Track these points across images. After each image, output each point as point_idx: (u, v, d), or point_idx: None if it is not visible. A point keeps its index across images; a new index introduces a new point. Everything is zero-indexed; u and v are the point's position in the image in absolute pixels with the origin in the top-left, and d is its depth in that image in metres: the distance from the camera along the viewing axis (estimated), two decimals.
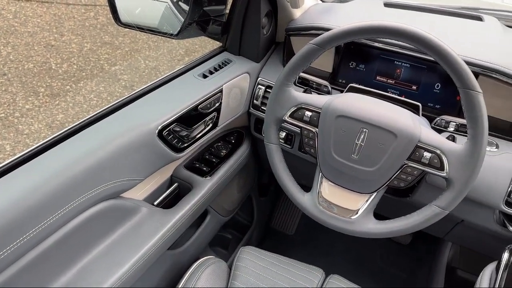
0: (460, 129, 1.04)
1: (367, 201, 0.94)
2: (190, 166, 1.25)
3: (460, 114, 1.08)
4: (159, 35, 1.19)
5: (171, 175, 1.22)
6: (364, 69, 1.21)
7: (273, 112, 1.01)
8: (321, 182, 0.99)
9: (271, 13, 1.28)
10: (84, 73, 3.34)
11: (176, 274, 1.23)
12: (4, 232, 0.71)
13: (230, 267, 1.14)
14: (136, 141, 0.96)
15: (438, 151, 0.85)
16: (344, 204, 0.95)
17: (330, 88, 1.21)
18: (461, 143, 0.85)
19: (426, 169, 0.87)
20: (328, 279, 1.12)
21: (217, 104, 1.18)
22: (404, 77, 1.16)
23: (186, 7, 1.14)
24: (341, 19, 1.26)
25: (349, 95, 0.98)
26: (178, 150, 1.09)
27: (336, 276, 1.13)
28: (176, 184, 1.21)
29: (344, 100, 0.94)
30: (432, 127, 1.06)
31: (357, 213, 0.94)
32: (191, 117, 1.10)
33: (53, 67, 3.35)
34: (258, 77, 1.31)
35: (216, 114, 1.19)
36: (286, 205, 2.01)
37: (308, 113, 0.97)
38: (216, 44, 1.38)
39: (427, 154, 0.86)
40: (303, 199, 1.01)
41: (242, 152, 1.39)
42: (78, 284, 0.88)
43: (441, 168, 0.85)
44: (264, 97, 1.29)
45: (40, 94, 3.03)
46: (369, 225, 0.94)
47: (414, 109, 1.01)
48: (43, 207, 0.78)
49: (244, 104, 1.31)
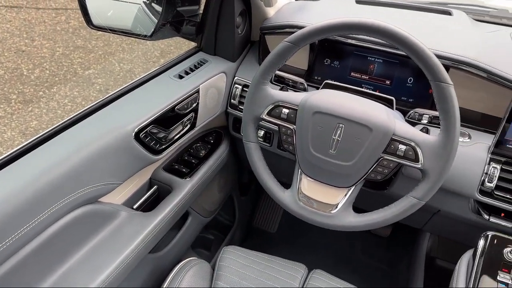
0: (433, 121, 1.07)
1: (346, 195, 0.96)
2: (169, 168, 1.24)
3: (433, 107, 1.10)
4: (133, 37, 1.18)
5: (150, 178, 1.20)
6: (339, 66, 1.23)
7: (251, 111, 1.01)
8: (301, 179, 1.00)
9: (245, 12, 1.29)
10: (57, 78, 3.27)
11: (159, 278, 1.22)
12: None
13: (213, 268, 1.14)
14: (113, 145, 0.95)
15: (413, 143, 0.87)
16: (324, 199, 0.97)
17: (306, 85, 1.22)
18: (435, 135, 0.87)
19: (402, 161, 0.89)
20: (311, 274, 1.13)
21: (194, 105, 1.17)
22: (378, 73, 1.18)
23: (159, 8, 1.13)
24: (315, 17, 1.27)
25: (325, 92, 1.00)
26: (156, 152, 1.08)
27: (319, 271, 1.14)
28: (156, 187, 1.20)
29: (320, 97, 0.96)
30: (406, 120, 1.08)
31: (337, 207, 0.96)
32: (168, 119, 1.09)
33: (25, 73, 3.27)
34: (235, 77, 1.32)
35: (194, 115, 1.19)
36: (268, 203, 2.02)
37: (285, 111, 0.98)
38: (192, 45, 1.38)
39: (402, 147, 0.88)
40: (283, 196, 1.02)
41: (222, 152, 1.38)
42: None
43: (416, 160, 0.87)
44: (242, 96, 1.29)
45: (12, 101, 2.95)
46: (349, 219, 0.95)
47: (388, 103, 1.03)
48: (20, 215, 0.76)
49: (222, 104, 1.31)
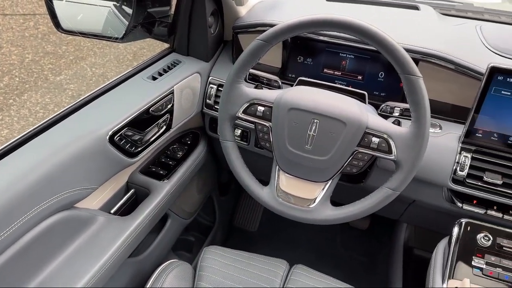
0: (405, 113, 1.10)
1: (323, 189, 0.97)
2: (146, 171, 1.23)
3: (404, 100, 1.13)
4: (104, 40, 1.16)
5: (127, 181, 1.19)
6: (312, 63, 1.24)
7: (226, 110, 1.01)
8: (279, 175, 1.01)
9: (217, 12, 1.29)
10: (28, 85, 3.19)
11: (140, 282, 1.20)
12: None
13: (195, 269, 1.14)
14: (87, 149, 0.93)
15: (385, 136, 0.89)
16: (302, 194, 0.98)
17: (281, 83, 1.23)
18: (406, 127, 0.89)
19: (375, 154, 0.90)
20: (293, 270, 1.14)
21: (169, 106, 1.16)
22: (350, 68, 1.21)
23: (130, 10, 1.12)
24: (286, 15, 1.28)
25: (299, 88, 1.01)
26: (132, 155, 1.07)
27: (300, 266, 1.15)
28: (133, 190, 1.19)
29: (295, 93, 0.97)
30: (379, 114, 1.10)
31: (315, 202, 0.97)
32: (143, 121, 1.08)
33: None
34: (209, 76, 1.31)
35: (169, 116, 1.18)
36: (248, 202, 2.03)
37: (261, 108, 0.98)
38: (164, 46, 1.37)
39: (375, 139, 0.90)
40: (262, 193, 1.02)
41: (199, 153, 1.38)
42: None
43: (389, 152, 0.89)
44: (217, 96, 1.29)
45: None
46: (327, 212, 0.97)
47: (361, 98, 1.05)
48: None
49: (197, 104, 1.31)
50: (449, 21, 1.28)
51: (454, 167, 1.04)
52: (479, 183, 1.02)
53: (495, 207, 1.06)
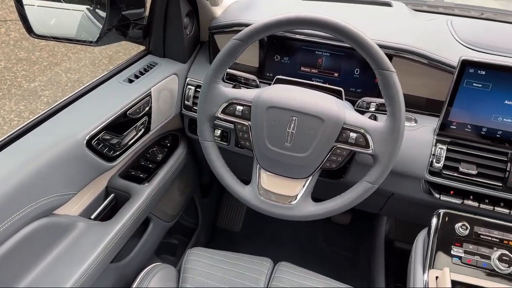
0: (380, 108, 1.12)
1: (304, 186, 0.98)
2: (126, 175, 1.22)
3: (379, 95, 1.14)
4: (78, 44, 1.15)
5: (106, 186, 1.17)
6: (289, 61, 1.25)
7: (205, 110, 1.01)
8: (260, 173, 1.01)
9: (192, 13, 1.28)
10: (1, 93, 3.12)
11: (124, 287, 1.19)
12: None
13: (179, 271, 1.13)
14: (64, 154, 0.92)
15: (362, 130, 0.91)
16: (283, 191, 0.98)
17: (258, 82, 1.23)
18: (382, 121, 0.91)
19: (353, 148, 0.92)
20: (277, 267, 1.14)
21: (147, 108, 1.15)
22: (326, 66, 1.22)
23: (104, 13, 1.11)
24: (262, 14, 1.29)
25: (277, 87, 1.02)
26: (111, 159, 1.06)
27: (284, 263, 1.16)
28: (113, 195, 1.17)
29: (273, 92, 0.97)
30: (356, 109, 1.12)
31: (296, 198, 0.98)
32: (121, 124, 1.07)
33: None
34: (187, 78, 1.31)
35: (147, 119, 1.17)
36: (230, 203, 2.02)
37: (240, 108, 0.99)
38: (141, 49, 1.35)
39: (353, 135, 0.91)
40: (244, 192, 1.02)
41: (179, 155, 1.37)
42: None
43: (367, 146, 0.90)
44: (195, 97, 1.29)
45: None
46: (309, 208, 0.97)
47: (338, 94, 1.07)
48: None
49: (176, 106, 1.30)
50: (421, 17, 1.31)
51: (430, 159, 1.06)
52: (455, 174, 1.05)
53: (472, 197, 1.09)
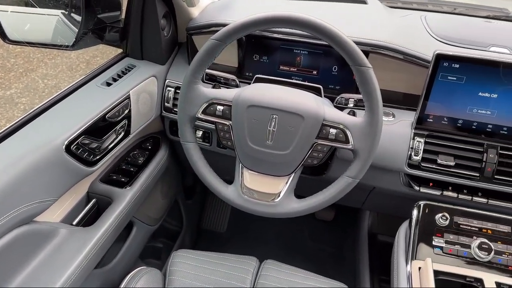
0: (359, 104, 1.14)
1: (287, 183, 0.99)
2: (107, 179, 1.21)
3: (357, 91, 1.15)
4: (54, 48, 1.14)
5: (87, 191, 1.16)
6: (268, 61, 1.26)
7: (185, 111, 1.01)
8: (242, 172, 1.02)
9: (169, 14, 1.28)
10: None
11: None
12: None
13: (165, 275, 1.12)
14: (43, 160, 0.90)
15: (342, 126, 0.92)
16: (266, 189, 0.99)
17: (238, 82, 1.24)
18: (361, 116, 0.93)
19: (334, 144, 0.93)
20: (263, 265, 1.15)
21: (127, 111, 1.14)
22: (305, 64, 1.23)
23: (79, 17, 1.11)
24: (239, 14, 1.29)
25: (257, 86, 1.02)
26: (91, 164, 1.04)
27: (270, 261, 1.16)
28: (94, 200, 1.16)
29: (252, 91, 0.98)
30: (335, 106, 1.14)
31: (280, 196, 0.98)
32: (100, 128, 1.06)
33: None
34: (166, 79, 1.30)
35: (127, 122, 1.16)
36: (215, 204, 2.02)
37: (220, 107, 0.99)
38: (118, 52, 1.34)
39: (333, 131, 0.92)
40: (227, 192, 1.03)
41: (161, 157, 1.36)
42: None
43: (347, 141, 0.92)
44: (175, 99, 1.28)
45: None
46: (292, 205, 0.98)
47: (317, 92, 1.08)
48: None
49: (156, 108, 1.29)
50: (396, 13, 1.34)
51: (409, 153, 1.08)
52: (434, 166, 1.07)
53: (450, 188, 1.11)
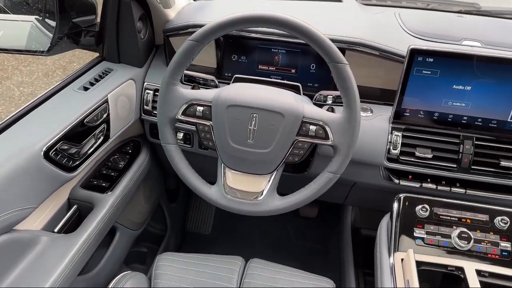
0: (337, 100, 1.15)
1: (269, 181, 0.99)
2: (88, 185, 1.19)
3: (335, 88, 1.17)
4: (29, 54, 1.14)
5: (68, 198, 1.14)
6: (246, 60, 1.27)
7: (165, 113, 1.00)
8: (225, 172, 1.02)
9: (145, 17, 1.27)
10: None
11: None
12: None
13: (150, 279, 1.12)
14: (21, 167, 0.89)
15: (321, 123, 0.93)
16: (249, 188, 1.00)
17: (217, 82, 1.24)
18: (339, 112, 0.94)
19: (314, 141, 0.94)
20: (248, 264, 1.15)
21: (105, 115, 1.13)
22: (283, 63, 1.24)
23: (53, 23, 1.10)
24: (215, 14, 1.28)
25: (236, 85, 1.03)
26: (70, 170, 1.03)
27: (256, 260, 1.16)
28: (76, 206, 1.14)
29: (232, 90, 0.98)
30: (314, 103, 1.15)
31: (262, 194, 0.99)
32: (79, 133, 1.05)
33: None
34: (144, 82, 1.29)
35: (106, 126, 1.15)
36: (199, 206, 2.01)
37: (200, 108, 0.99)
38: (95, 56, 1.33)
39: (313, 127, 0.94)
40: (210, 192, 1.03)
41: (142, 161, 1.35)
42: None
43: (326, 138, 0.93)
44: (154, 101, 1.27)
45: None
46: (275, 203, 0.99)
47: (296, 90, 1.09)
48: None
49: (135, 112, 1.28)
50: (370, 10, 1.36)
51: (388, 147, 1.10)
52: (412, 159, 1.10)
53: (429, 180, 1.14)
